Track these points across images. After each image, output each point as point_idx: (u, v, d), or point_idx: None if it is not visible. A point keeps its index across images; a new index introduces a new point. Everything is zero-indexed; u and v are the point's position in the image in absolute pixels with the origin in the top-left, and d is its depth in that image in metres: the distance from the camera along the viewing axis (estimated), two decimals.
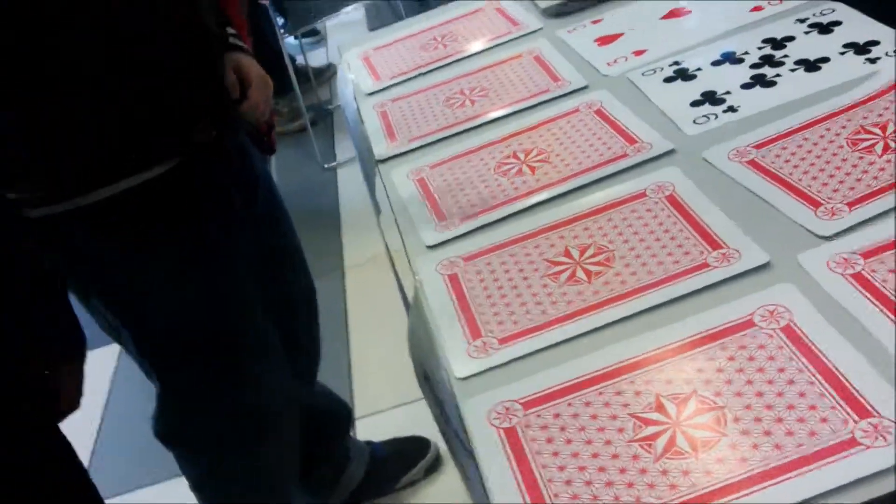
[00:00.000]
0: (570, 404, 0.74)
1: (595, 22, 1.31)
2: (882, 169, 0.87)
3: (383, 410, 1.96)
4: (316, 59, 3.63)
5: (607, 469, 0.68)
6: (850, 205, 0.84)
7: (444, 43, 1.40)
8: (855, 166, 0.89)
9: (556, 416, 0.74)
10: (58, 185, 1.06)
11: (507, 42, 1.34)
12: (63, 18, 0.96)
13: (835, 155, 0.91)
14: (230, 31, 1.26)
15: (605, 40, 1.25)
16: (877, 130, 0.93)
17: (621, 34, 1.26)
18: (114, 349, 2.04)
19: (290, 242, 1.41)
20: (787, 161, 0.93)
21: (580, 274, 0.87)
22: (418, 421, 1.83)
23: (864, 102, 0.97)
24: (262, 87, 1.25)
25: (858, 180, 0.87)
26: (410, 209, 1.04)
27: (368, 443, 1.80)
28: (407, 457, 1.79)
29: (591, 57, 1.23)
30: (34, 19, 0.96)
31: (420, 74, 1.32)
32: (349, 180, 2.92)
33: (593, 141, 1.05)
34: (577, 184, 0.99)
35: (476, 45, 1.35)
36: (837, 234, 0.82)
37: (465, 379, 0.80)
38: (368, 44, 1.49)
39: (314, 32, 3.84)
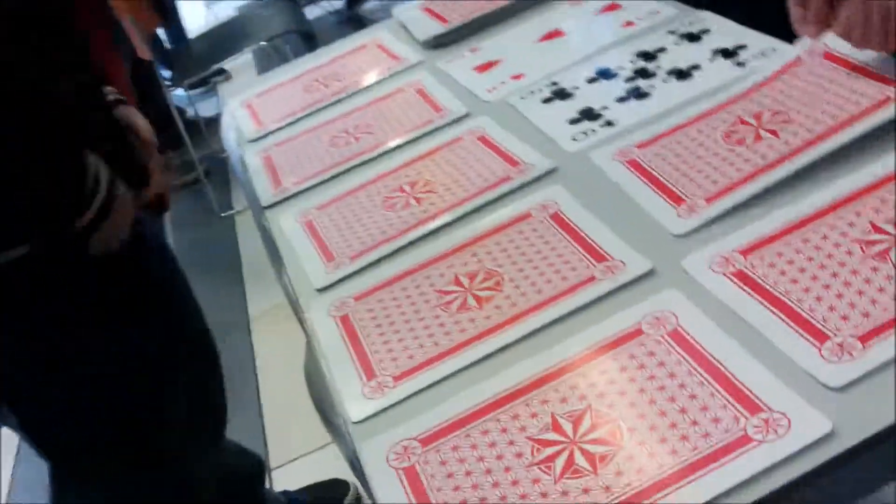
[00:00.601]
0: (467, 435, 0.73)
1: (473, 50, 1.32)
2: (747, 160, 0.89)
3: (300, 457, 1.93)
4: (206, 109, 3.60)
5: (508, 497, 0.66)
6: (709, 200, 0.85)
7: (326, 83, 1.39)
8: (724, 160, 0.90)
9: (455, 448, 0.72)
10: None
11: (389, 77, 1.33)
12: None
13: (708, 150, 0.93)
14: (109, 89, 1.22)
15: (483, 67, 1.26)
16: (752, 120, 0.95)
17: (499, 60, 1.26)
18: None
19: (186, 297, 1.37)
20: (664, 159, 0.94)
21: (471, 301, 0.86)
22: (336, 464, 1.80)
23: (745, 95, 0.99)
24: (149, 139, 1.21)
25: (723, 174, 0.88)
26: (300, 253, 1.02)
27: (285, 492, 1.75)
28: (327, 501, 1.75)
29: (471, 85, 1.23)
30: None
31: (303, 117, 1.31)
32: (249, 228, 2.89)
33: (477, 167, 1.05)
34: (463, 211, 0.98)
35: (359, 83, 1.35)
36: (693, 232, 0.83)
37: (361, 422, 0.78)
38: (251, 90, 1.47)
39: (203, 83, 3.80)
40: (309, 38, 3.15)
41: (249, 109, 1.40)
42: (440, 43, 1.36)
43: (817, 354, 0.68)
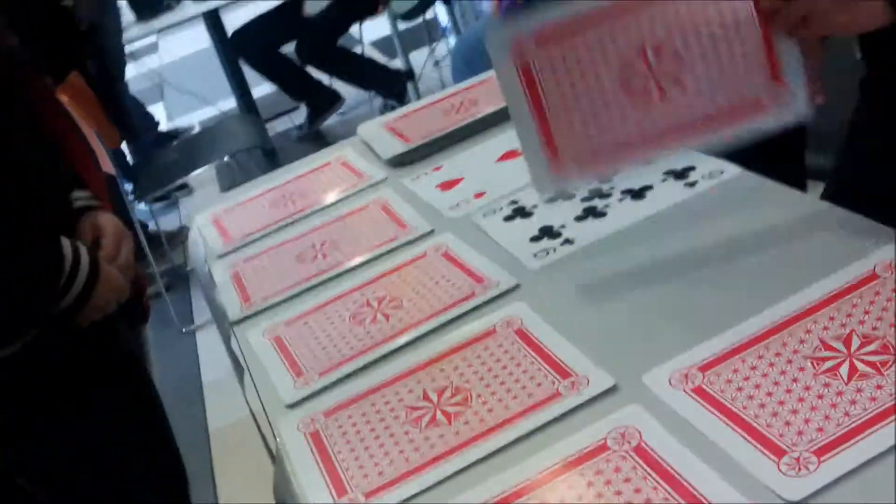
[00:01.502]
0: None
1: (436, 169, 1.37)
2: None
3: None
4: (168, 223, 3.62)
5: None
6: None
7: (293, 199, 1.43)
8: None
9: None
10: None
11: (354, 194, 1.38)
12: None
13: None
14: (80, 195, 1.24)
15: (446, 185, 1.31)
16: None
17: (461, 179, 1.32)
18: None
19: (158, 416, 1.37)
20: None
21: (440, 417, 0.88)
22: None
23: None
24: (117, 240, 1.22)
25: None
26: (268, 368, 1.04)
27: None
28: None
29: (434, 202, 1.27)
30: None
31: (270, 232, 1.34)
32: (209, 343, 2.88)
33: (443, 283, 1.08)
34: (430, 326, 1.01)
35: (325, 199, 1.39)
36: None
37: None
38: (219, 205, 1.50)
39: (165, 196, 3.83)
40: (271, 154, 3.22)
41: (217, 225, 1.43)
42: (403, 161, 1.42)
43: (775, 469, 0.71)
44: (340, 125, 4.07)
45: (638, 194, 1.16)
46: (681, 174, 1.17)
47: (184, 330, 2.98)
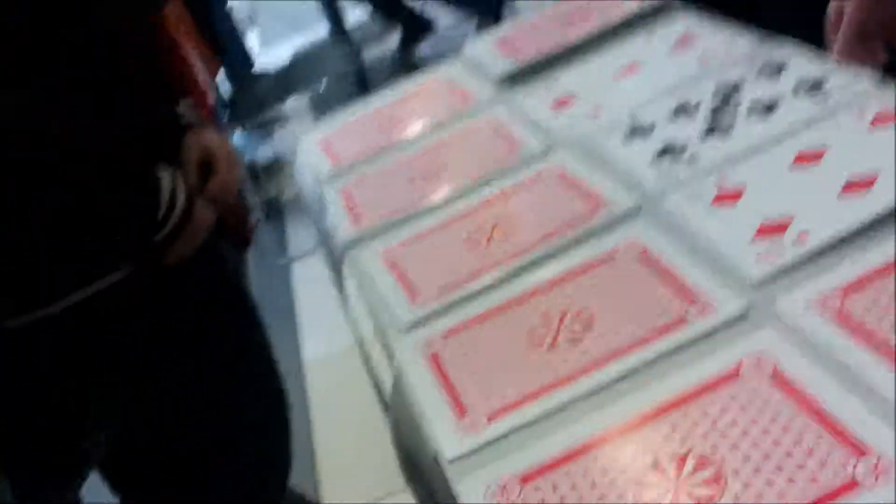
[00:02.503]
0: (567, 473, 0.73)
1: (550, 86, 1.33)
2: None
3: None
4: (263, 153, 3.65)
5: None
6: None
7: (400, 121, 1.41)
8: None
9: (555, 487, 0.72)
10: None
11: (463, 115, 1.35)
12: None
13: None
14: (186, 110, 1.24)
15: (560, 103, 1.27)
16: None
17: (575, 96, 1.27)
18: None
19: (264, 345, 1.38)
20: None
21: (563, 340, 0.86)
22: None
23: None
24: (230, 166, 1.22)
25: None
26: (382, 291, 1.03)
27: None
28: None
29: (549, 121, 1.24)
30: None
31: (380, 155, 1.33)
32: (304, 275, 2.89)
33: (559, 205, 1.05)
34: (548, 249, 0.98)
35: (433, 121, 1.36)
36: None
37: (455, 460, 0.78)
38: (324, 129, 1.49)
39: (259, 126, 3.87)
40: (363, 82, 3.19)
41: (325, 147, 1.42)
42: (515, 79, 1.37)
43: None
44: (433, 51, 4.01)
45: (767, 109, 1.10)
46: (813, 87, 1.10)
47: (280, 261, 3.01)
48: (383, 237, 1.13)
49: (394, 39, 4.15)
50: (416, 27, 4.03)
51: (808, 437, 0.67)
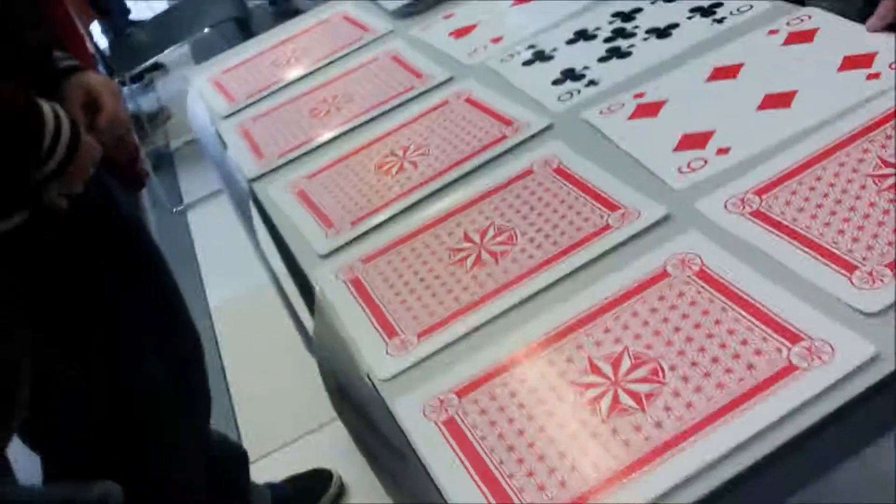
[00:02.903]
0: (505, 384, 0.72)
1: (447, 17, 1.31)
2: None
3: (274, 451, 1.88)
4: (146, 104, 3.50)
5: (556, 440, 0.66)
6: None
7: (295, 56, 1.36)
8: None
9: (493, 397, 0.71)
10: None
11: (362, 47, 1.32)
12: None
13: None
14: (62, 55, 1.16)
15: (460, 33, 1.25)
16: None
17: (475, 25, 1.26)
18: None
19: (172, 286, 1.33)
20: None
21: (486, 256, 0.85)
22: (313, 456, 1.77)
23: None
24: (116, 100, 1.15)
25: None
26: (296, 221, 1.00)
27: (269, 485, 1.72)
28: (311, 492, 1.72)
29: (449, 50, 1.22)
30: None
31: (278, 89, 1.28)
32: (201, 221, 2.82)
33: (470, 128, 1.04)
34: (463, 170, 0.97)
35: (331, 54, 1.32)
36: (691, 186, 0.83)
37: (389, 380, 0.77)
38: (217, 68, 1.43)
39: (140, 77, 3.70)
40: (246, 29, 3.07)
41: (218, 86, 1.37)
42: (411, 11, 1.35)
43: (848, 283, 0.69)
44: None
45: (663, 32, 1.11)
46: (707, 10, 1.12)
47: (174, 210, 2.91)
48: (289, 171, 1.10)
49: None
50: None
51: (740, 328, 0.69)
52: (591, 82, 1.07)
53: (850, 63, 0.92)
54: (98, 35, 3.30)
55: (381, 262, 0.90)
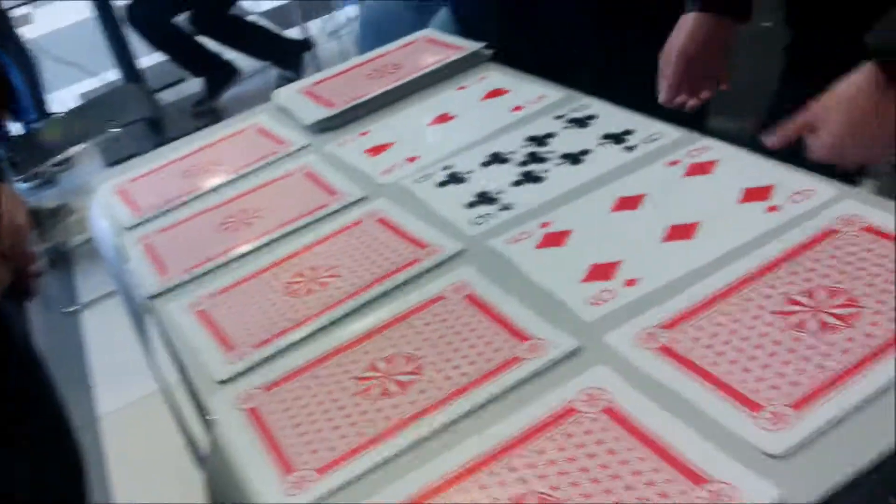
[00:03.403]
0: None
1: (363, 134, 1.31)
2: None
3: None
4: (48, 199, 3.43)
5: None
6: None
7: (206, 168, 1.34)
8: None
9: None
10: None
11: (275, 161, 1.30)
12: None
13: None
14: None
15: (376, 150, 1.25)
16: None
17: (392, 143, 1.26)
18: None
19: (54, 404, 1.26)
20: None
21: (392, 387, 0.82)
22: None
23: None
24: (15, 211, 1.10)
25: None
26: (193, 343, 0.96)
27: None
28: None
29: (364, 167, 1.21)
30: None
31: (186, 202, 1.25)
32: (95, 323, 2.73)
33: (382, 250, 1.02)
34: (373, 294, 0.95)
35: (244, 167, 1.30)
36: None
37: None
38: (122, 176, 1.40)
39: (45, 173, 3.62)
40: (158, 127, 3.06)
41: (123, 195, 1.33)
42: (328, 126, 1.35)
43: (753, 424, 0.68)
44: (233, 99, 3.92)
45: (576, 158, 1.13)
46: (619, 138, 1.14)
47: (65, 311, 2.82)
48: (192, 288, 1.06)
49: (193, 84, 4.02)
50: (222, 72, 3.92)
51: (645, 469, 0.67)
52: (505, 207, 1.07)
53: (751, 195, 0.94)
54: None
55: (282, 391, 0.86)
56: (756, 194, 0.94)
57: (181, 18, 3.78)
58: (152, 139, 3.29)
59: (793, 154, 0.99)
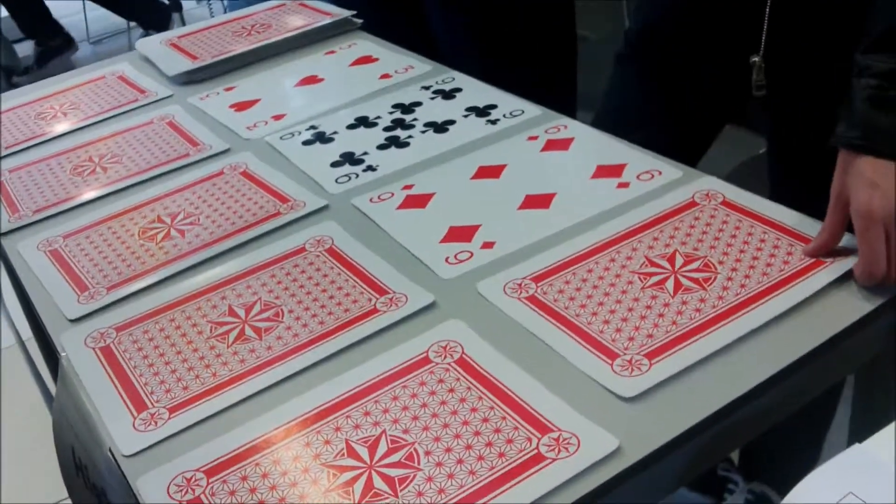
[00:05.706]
0: (257, 464, 0.70)
1: (228, 89, 1.30)
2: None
3: None
4: None
5: None
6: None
7: (63, 111, 1.29)
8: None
9: (244, 478, 0.69)
10: None
11: (136, 109, 1.27)
12: None
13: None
14: None
15: (241, 106, 1.24)
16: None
17: (258, 100, 1.25)
18: None
19: None
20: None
21: (249, 332, 0.83)
22: None
23: None
24: None
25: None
26: (45, 283, 0.93)
27: None
28: None
29: (228, 122, 1.21)
30: None
31: (40, 143, 1.21)
32: None
33: (244, 201, 1.02)
34: (233, 243, 0.95)
35: (102, 112, 1.27)
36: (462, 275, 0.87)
37: (133, 455, 0.72)
38: None
39: None
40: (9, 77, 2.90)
41: None
42: (191, 79, 1.33)
43: (610, 370, 0.73)
44: (95, 56, 3.76)
45: (441, 127, 1.16)
46: (482, 111, 1.18)
47: None
48: (44, 228, 1.03)
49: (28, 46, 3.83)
50: (57, 41, 3.74)
51: (494, 416, 0.71)
52: (370, 168, 1.09)
53: (603, 172, 1.00)
54: None
55: (136, 332, 0.85)
56: (608, 171, 1.00)
57: None
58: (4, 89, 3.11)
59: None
